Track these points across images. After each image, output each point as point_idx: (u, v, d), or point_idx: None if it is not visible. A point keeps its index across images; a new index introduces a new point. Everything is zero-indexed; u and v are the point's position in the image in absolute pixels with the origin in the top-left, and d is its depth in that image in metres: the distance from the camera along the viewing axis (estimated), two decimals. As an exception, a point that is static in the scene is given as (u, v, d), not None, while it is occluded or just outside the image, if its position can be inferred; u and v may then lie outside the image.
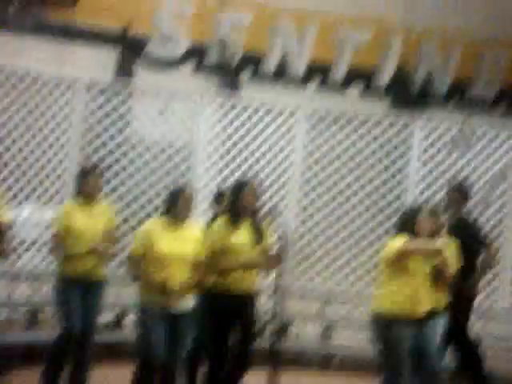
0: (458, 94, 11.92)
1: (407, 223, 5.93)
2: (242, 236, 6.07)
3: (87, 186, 6.44)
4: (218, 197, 6.89)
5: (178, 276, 5.70)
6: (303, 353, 8.64)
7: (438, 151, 9.12)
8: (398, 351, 5.80)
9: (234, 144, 9.04)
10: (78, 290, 6.36)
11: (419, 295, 5.84)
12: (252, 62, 11.42)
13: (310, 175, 9.13)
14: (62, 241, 6.39)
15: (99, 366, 6.88)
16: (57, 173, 8.40)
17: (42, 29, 10.50)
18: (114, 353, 7.81)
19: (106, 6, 11.20)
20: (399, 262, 5.76)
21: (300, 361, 8.52)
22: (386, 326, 5.81)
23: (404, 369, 5.81)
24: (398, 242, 5.79)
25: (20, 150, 8.19)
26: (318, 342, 8.85)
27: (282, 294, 6.15)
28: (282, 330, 8.31)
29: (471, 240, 7.06)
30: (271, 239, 6.23)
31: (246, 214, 6.08)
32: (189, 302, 5.84)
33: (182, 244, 5.75)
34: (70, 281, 6.36)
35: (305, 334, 9.00)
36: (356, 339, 8.90)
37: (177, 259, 5.70)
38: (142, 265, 5.75)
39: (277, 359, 5.87)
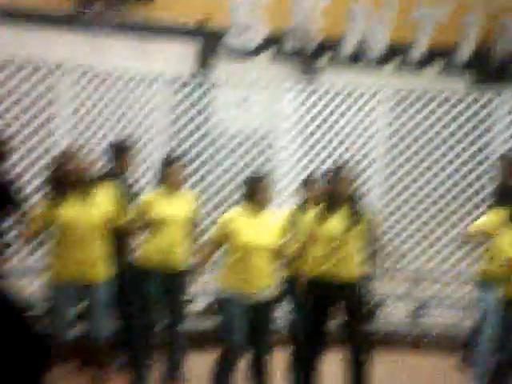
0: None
1: (504, 194, 6.38)
2: (337, 222, 5.99)
3: (170, 175, 6.47)
4: (307, 182, 6.83)
5: (260, 264, 5.71)
6: (395, 333, 8.66)
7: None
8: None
9: (317, 128, 9.10)
10: (156, 282, 6.37)
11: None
12: (330, 46, 11.46)
13: (395, 154, 9.14)
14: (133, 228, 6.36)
15: (194, 354, 7.04)
16: (146, 165, 8.63)
17: (123, 26, 10.76)
18: (207, 340, 7.97)
19: (184, 1, 11.41)
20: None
21: (391, 340, 8.55)
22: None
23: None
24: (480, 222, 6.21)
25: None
26: (409, 321, 8.86)
27: (372, 276, 6.17)
28: (374, 311, 8.35)
29: None
30: (366, 224, 6.20)
31: (342, 200, 6.01)
32: (271, 290, 5.85)
33: (263, 233, 5.74)
34: (146, 272, 6.36)
35: (396, 313, 9.02)
36: (447, 317, 8.88)
37: (257, 248, 5.70)
38: (216, 252, 5.84)
39: (369, 340, 5.90)
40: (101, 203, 5.76)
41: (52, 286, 5.75)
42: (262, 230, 5.74)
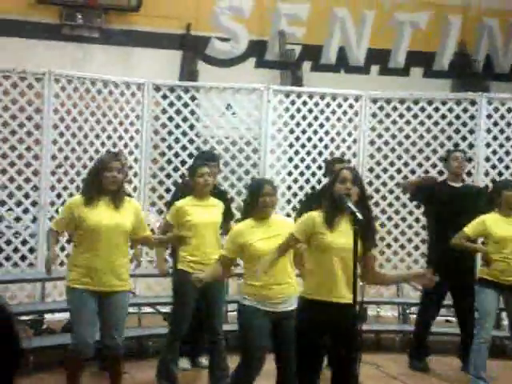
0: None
1: (495, 197, 6.73)
2: (340, 234, 4.83)
3: (199, 181, 6.35)
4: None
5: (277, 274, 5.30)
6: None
7: (504, 129, 9.12)
8: None
9: (302, 133, 9.19)
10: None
11: None
12: (312, 53, 11.60)
13: (378, 158, 9.25)
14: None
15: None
16: (133, 171, 8.68)
17: (108, 35, 10.81)
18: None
19: (167, 10, 11.51)
20: None
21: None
22: None
23: None
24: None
25: (96, 151, 8.46)
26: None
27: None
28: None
29: None
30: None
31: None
32: (293, 302, 5.28)
33: (276, 241, 5.20)
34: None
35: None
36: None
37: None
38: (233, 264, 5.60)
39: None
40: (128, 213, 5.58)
41: (70, 291, 5.57)
42: (273, 238, 5.28)
